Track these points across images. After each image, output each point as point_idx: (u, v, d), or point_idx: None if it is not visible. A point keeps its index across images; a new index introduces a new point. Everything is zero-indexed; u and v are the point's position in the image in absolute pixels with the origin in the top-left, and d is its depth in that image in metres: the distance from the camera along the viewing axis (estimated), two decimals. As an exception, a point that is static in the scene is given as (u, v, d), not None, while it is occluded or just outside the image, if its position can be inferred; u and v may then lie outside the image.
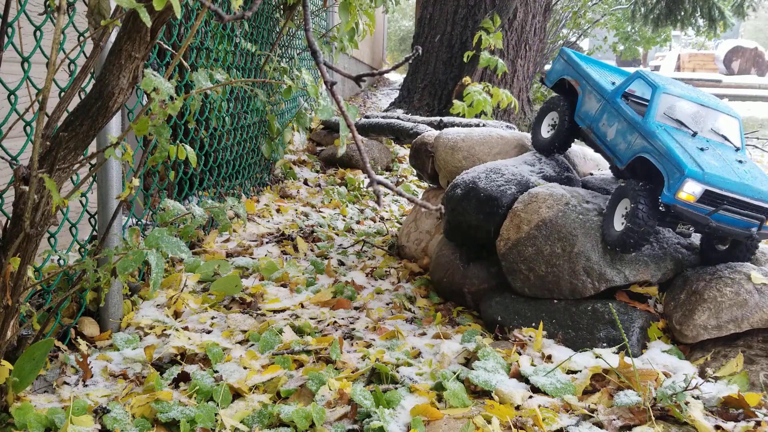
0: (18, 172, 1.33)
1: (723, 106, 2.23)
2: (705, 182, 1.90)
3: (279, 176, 4.18)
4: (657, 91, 2.14)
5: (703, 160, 1.96)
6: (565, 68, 2.57)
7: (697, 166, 1.92)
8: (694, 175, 1.89)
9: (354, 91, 9.62)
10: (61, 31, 1.27)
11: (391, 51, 22.80)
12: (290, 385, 1.70)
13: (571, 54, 2.59)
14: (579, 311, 2.02)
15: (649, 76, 2.23)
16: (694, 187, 1.90)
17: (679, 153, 1.96)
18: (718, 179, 1.92)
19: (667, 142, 2.00)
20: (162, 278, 1.52)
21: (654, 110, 2.11)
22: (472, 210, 2.29)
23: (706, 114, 2.17)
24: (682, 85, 2.27)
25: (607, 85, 2.35)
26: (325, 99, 1.76)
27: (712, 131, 2.16)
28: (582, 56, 2.61)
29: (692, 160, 1.95)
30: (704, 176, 1.90)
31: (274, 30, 3.77)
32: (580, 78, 2.47)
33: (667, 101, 2.14)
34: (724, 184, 1.92)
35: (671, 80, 2.30)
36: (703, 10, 9.72)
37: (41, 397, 1.59)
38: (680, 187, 1.91)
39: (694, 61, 17.60)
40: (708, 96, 2.27)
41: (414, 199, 0.94)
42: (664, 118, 2.11)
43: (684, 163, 1.92)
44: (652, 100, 2.13)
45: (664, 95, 2.13)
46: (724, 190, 1.93)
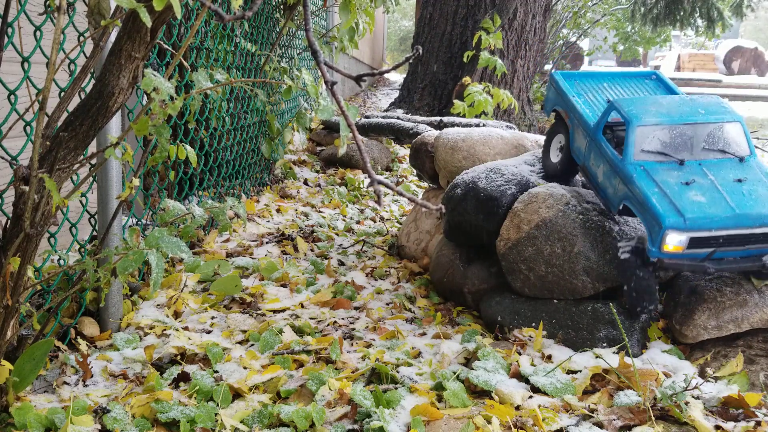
0: (18, 172, 1.33)
1: (716, 112, 1.98)
2: (688, 229, 1.73)
3: (279, 176, 4.19)
4: (630, 126, 1.92)
5: (686, 202, 1.77)
6: (555, 97, 2.33)
7: (676, 212, 1.74)
8: (674, 225, 1.72)
9: (354, 91, 9.62)
10: (61, 31, 1.27)
11: (391, 51, 22.79)
12: (290, 385, 1.70)
13: (559, 80, 2.32)
14: (579, 311, 2.02)
15: (623, 106, 1.98)
16: (677, 237, 1.74)
17: (656, 201, 1.78)
18: (705, 220, 1.73)
19: (644, 189, 1.81)
20: (162, 278, 1.52)
21: (630, 148, 1.90)
22: (472, 210, 2.29)
23: (695, 132, 1.94)
24: (665, 103, 2.01)
25: (592, 116, 2.14)
26: (325, 99, 1.76)
27: (706, 149, 1.94)
28: (575, 77, 2.36)
29: (671, 206, 1.76)
30: (686, 223, 1.72)
31: (274, 30, 3.77)
32: (567, 110, 2.24)
33: (644, 134, 1.92)
34: (713, 223, 1.74)
35: (651, 100, 2.04)
36: (702, 11, 9.73)
37: (41, 397, 1.59)
38: (662, 241, 1.75)
39: (694, 61, 17.61)
40: (697, 105, 2.01)
41: (414, 199, 0.94)
42: (643, 154, 1.91)
43: (661, 214, 1.74)
44: (627, 137, 1.91)
45: (639, 129, 1.91)
46: (715, 229, 1.75)
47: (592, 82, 2.35)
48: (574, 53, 13.53)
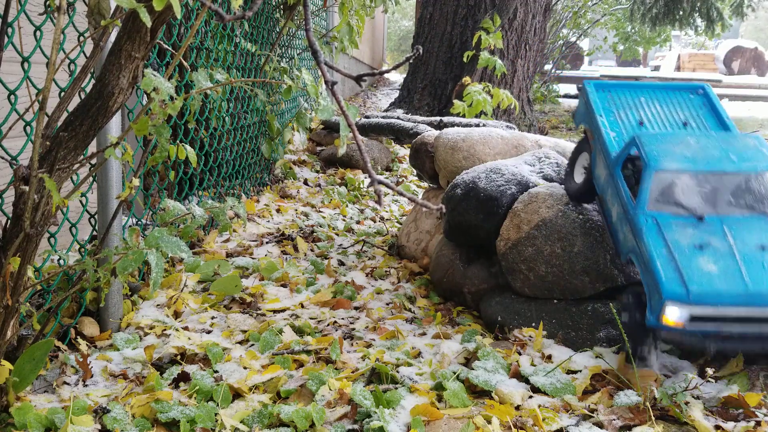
0: (18, 172, 1.33)
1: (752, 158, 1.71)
2: (691, 303, 1.53)
3: (279, 176, 4.19)
4: (648, 170, 1.70)
5: (694, 270, 1.57)
6: (584, 111, 2.07)
7: (680, 282, 1.54)
8: (675, 297, 1.53)
9: (354, 91, 9.63)
10: (61, 31, 1.27)
11: (391, 51, 22.79)
12: (290, 385, 1.70)
13: (589, 92, 2.05)
14: (579, 311, 2.02)
15: (644, 144, 1.75)
16: (677, 311, 1.54)
17: (661, 264, 1.58)
18: (711, 296, 1.53)
19: (650, 248, 1.62)
20: (162, 278, 1.52)
21: (645, 196, 1.70)
22: (472, 210, 2.29)
23: (721, 182, 1.69)
24: (693, 143, 1.75)
25: (615, 143, 1.89)
26: (325, 99, 1.76)
27: (732, 203, 1.69)
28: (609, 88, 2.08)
29: (676, 273, 1.56)
30: (689, 296, 1.52)
31: (274, 30, 3.77)
32: (593, 129, 1.99)
33: (662, 180, 1.70)
34: (720, 299, 1.53)
35: (678, 138, 1.78)
36: (701, 11, 9.73)
37: (41, 397, 1.59)
38: (661, 312, 1.56)
39: (694, 61, 17.61)
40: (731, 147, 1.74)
41: (414, 199, 0.94)
42: (659, 204, 1.70)
43: (662, 282, 1.55)
44: (643, 182, 1.71)
45: (658, 174, 1.70)
46: (722, 306, 1.53)
47: (628, 96, 2.09)
48: (574, 53, 13.54)
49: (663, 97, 2.09)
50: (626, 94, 2.09)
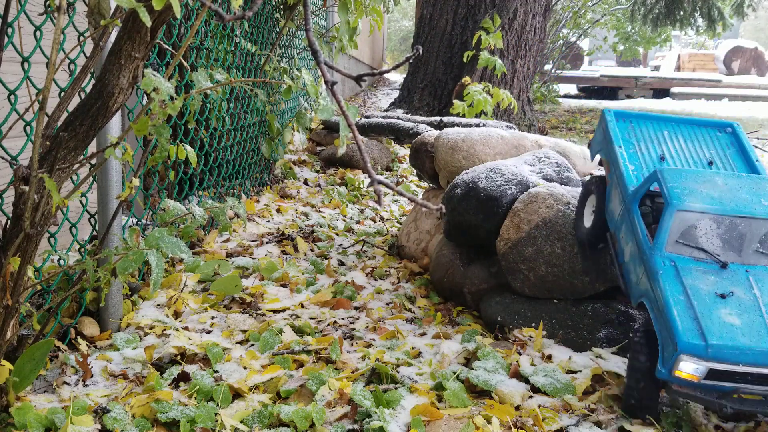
0: (18, 172, 1.33)
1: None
2: (709, 358, 1.39)
3: (279, 176, 4.19)
4: (669, 209, 1.57)
5: (714, 321, 1.43)
6: (601, 141, 1.95)
7: (698, 334, 1.41)
8: (691, 350, 1.40)
9: (354, 91, 9.63)
10: (61, 31, 1.27)
11: (391, 51, 22.79)
12: (290, 385, 1.70)
13: (609, 120, 1.93)
14: (579, 311, 2.02)
15: (666, 180, 1.62)
16: (693, 365, 1.40)
17: (678, 312, 1.45)
18: (733, 351, 1.39)
19: (666, 293, 1.49)
20: (162, 278, 1.52)
21: (664, 236, 1.56)
22: (472, 210, 2.29)
23: (749, 227, 1.57)
24: (720, 183, 1.63)
25: (634, 177, 1.77)
26: (325, 99, 1.76)
27: (760, 252, 1.57)
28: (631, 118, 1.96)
29: (694, 323, 1.43)
30: (707, 350, 1.39)
31: (274, 30, 3.77)
32: (610, 161, 1.87)
33: (684, 221, 1.57)
34: (743, 356, 1.39)
35: (705, 177, 1.65)
36: (702, 11, 9.73)
37: (41, 397, 1.59)
38: (675, 364, 1.42)
39: (694, 61, 17.61)
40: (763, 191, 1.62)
41: (414, 199, 0.94)
42: (679, 246, 1.57)
43: (678, 332, 1.41)
44: (662, 221, 1.57)
45: (679, 214, 1.56)
46: (744, 364, 1.39)
47: (650, 128, 1.96)
48: (574, 53, 13.54)
49: (688, 133, 1.96)
50: (648, 126, 1.97)
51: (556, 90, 12.02)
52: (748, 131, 6.03)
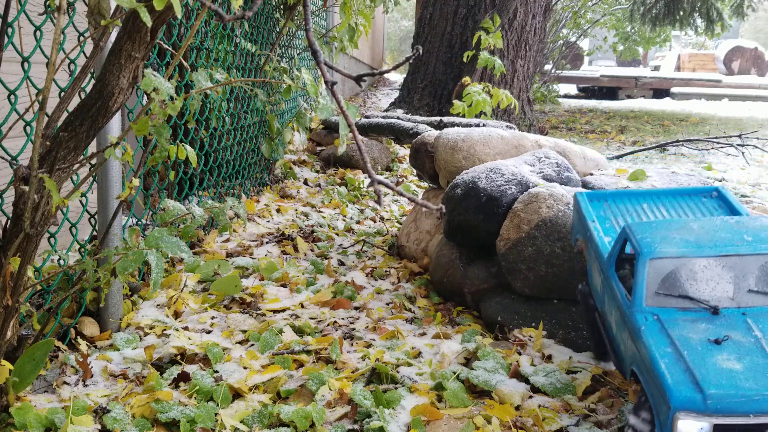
0: (18, 172, 1.33)
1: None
2: (711, 411, 1.17)
3: (279, 176, 4.19)
4: (641, 259, 1.43)
5: (710, 369, 1.23)
6: (577, 223, 1.85)
7: (692, 385, 1.21)
8: (688, 403, 1.18)
9: (354, 91, 9.63)
10: (61, 31, 1.27)
11: (391, 51, 22.80)
12: (290, 385, 1.70)
13: (581, 201, 1.83)
14: (579, 311, 2.02)
15: (635, 233, 1.49)
16: (694, 425, 1.18)
17: (665, 366, 1.25)
18: (738, 399, 1.18)
19: (651, 348, 1.30)
20: (162, 278, 1.52)
21: (640, 290, 1.41)
22: (472, 210, 2.29)
23: (738, 266, 1.41)
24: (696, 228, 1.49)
25: (608, 246, 1.65)
26: (325, 98, 1.76)
27: (754, 291, 1.40)
28: (605, 197, 1.85)
29: (686, 374, 1.23)
30: (706, 401, 1.18)
31: (274, 30, 3.77)
32: (586, 238, 1.76)
33: (661, 270, 1.42)
34: (753, 403, 1.17)
35: (678, 224, 1.52)
36: (701, 11, 9.74)
37: (41, 397, 1.59)
38: (673, 428, 1.19)
39: (694, 61, 17.61)
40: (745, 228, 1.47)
41: (414, 199, 0.94)
42: (660, 298, 1.41)
43: (668, 387, 1.21)
44: (636, 275, 1.43)
45: (653, 263, 1.41)
46: (757, 414, 1.17)
47: (627, 203, 1.84)
48: (574, 53, 13.55)
49: (670, 203, 1.83)
50: (625, 201, 1.85)
51: (556, 90, 12.02)
52: (748, 131, 6.04)
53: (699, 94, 13.54)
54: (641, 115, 10.11)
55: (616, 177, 2.69)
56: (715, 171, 5.14)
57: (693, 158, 5.96)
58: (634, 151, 5.94)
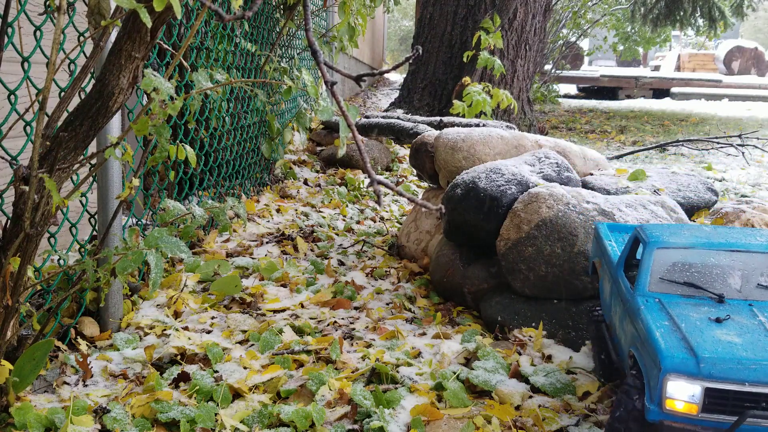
0: (18, 172, 1.33)
1: None
2: (704, 375, 1.16)
3: (279, 176, 4.19)
4: (647, 248, 1.45)
5: (707, 339, 1.23)
6: (594, 247, 1.86)
7: (685, 350, 1.20)
8: (680, 365, 1.17)
9: (354, 91, 9.63)
10: (61, 31, 1.27)
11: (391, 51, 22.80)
12: (290, 385, 1.70)
13: (600, 229, 1.84)
14: (579, 311, 2.02)
15: (647, 228, 1.53)
16: (686, 387, 1.16)
17: (660, 335, 1.25)
18: (734, 364, 1.16)
19: (649, 322, 1.30)
20: (161, 278, 1.52)
21: (645, 276, 1.41)
22: (472, 210, 2.29)
23: (748, 262, 1.40)
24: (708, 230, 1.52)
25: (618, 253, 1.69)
26: (325, 99, 1.76)
27: (763, 287, 1.38)
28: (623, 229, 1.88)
29: (681, 343, 1.22)
30: (699, 365, 1.16)
31: (274, 30, 3.77)
32: (601, 257, 1.77)
33: (666, 258, 1.43)
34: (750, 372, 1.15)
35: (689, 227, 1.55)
36: (702, 10, 9.74)
37: (41, 397, 1.59)
38: (663, 392, 1.17)
39: (694, 61, 17.61)
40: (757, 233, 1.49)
41: (414, 199, 0.94)
42: (664, 284, 1.40)
43: (662, 350, 1.20)
44: (642, 262, 1.44)
45: (659, 252, 1.43)
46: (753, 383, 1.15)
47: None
48: (574, 53, 13.55)
49: None
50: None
51: (556, 90, 12.03)
52: (748, 131, 6.04)
53: (699, 94, 13.54)
54: (641, 115, 10.12)
55: (616, 177, 2.69)
56: (715, 171, 5.14)
57: (693, 158, 5.96)
58: (634, 151, 5.95)
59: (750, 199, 2.79)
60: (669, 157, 6.03)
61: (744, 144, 5.98)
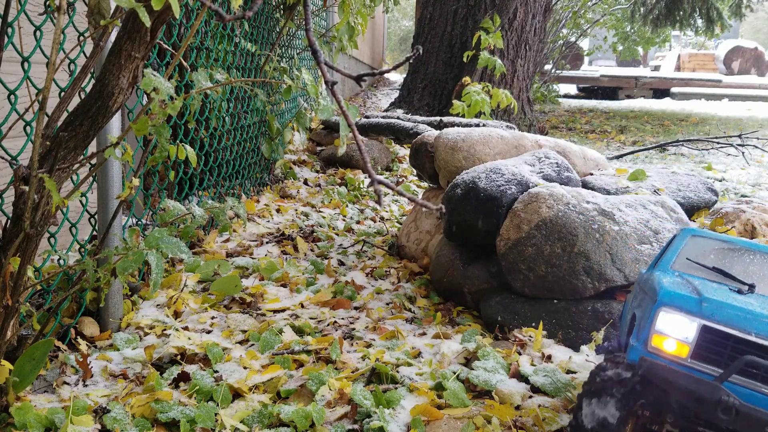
0: (18, 172, 1.33)
1: None
2: (704, 315, 1.10)
3: (279, 176, 4.18)
4: (682, 234, 1.41)
5: (721, 293, 1.17)
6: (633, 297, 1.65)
7: (692, 291, 1.16)
8: (679, 300, 1.12)
9: (354, 91, 9.62)
10: (61, 31, 1.27)
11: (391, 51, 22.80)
12: (290, 385, 1.70)
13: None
14: (579, 311, 2.02)
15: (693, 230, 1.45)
16: (679, 322, 1.10)
17: (669, 282, 1.21)
18: (741, 312, 1.10)
19: (660, 275, 1.26)
20: (162, 278, 1.52)
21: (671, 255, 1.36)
22: (472, 210, 2.29)
23: None
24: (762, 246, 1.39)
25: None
26: (325, 99, 1.76)
27: None
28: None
29: (687, 288, 1.18)
30: (701, 305, 1.11)
31: (274, 30, 3.77)
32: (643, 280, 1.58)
33: (700, 246, 1.36)
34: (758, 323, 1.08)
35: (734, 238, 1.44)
36: (701, 11, 9.74)
37: (41, 397, 1.59)
38: (652, 327, 1.11)
39: (694, 61, 17.62)
40: None
41: (414, 199, 0.94)
42: (689, 265, 1.31)
43: (662, 287, 1.16)
44: (672, 243, 1.40)
45: (694, 239, 1.37)
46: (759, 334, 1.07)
47: None
48: (574, 53, 13.55)
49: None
50: None
51: (556, 90, 12.03)
52: (748, 131, 6.04)
53: (699, 94, 13.54)
54: (641, 115, 10.11)
55: (616, 177, 2.69)
56: (715, 171, 5.14)
57: (693, 158, 5.96)
58: (634, 151, 5.95)
59: (750, 199, 2.79)
60: (669, 157, 6.03)
61: (744, 144, 5.98)
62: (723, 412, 1.05)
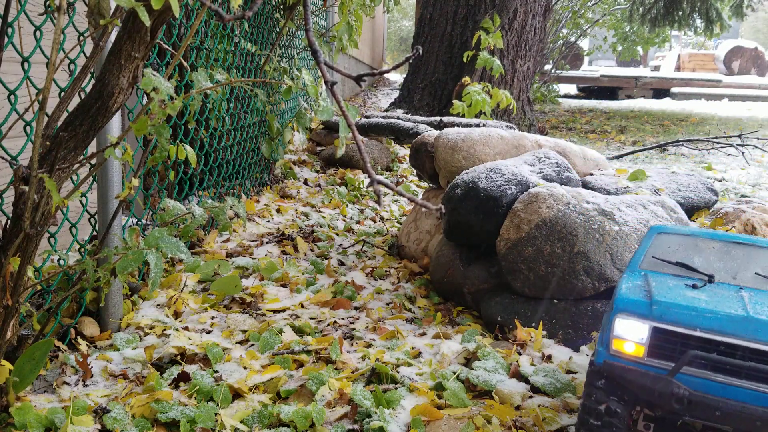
0: (18, 172, 1.33)
1: None
2: (654, 317, 1.18)
3: (279, 176, 4.18)
4: (649, 233, 1.50)
5: (671, 291, 1.26)
6: None
7: (645, 295, 1.24)
8: (632, 306, 1.21)
9: (354, 91, 9.62)
10: (61, 31, 1.27)
11: (391, 51, 22.81)
12: (290, 385, 1.70)
13: None
14: (579, 311, 2.02)
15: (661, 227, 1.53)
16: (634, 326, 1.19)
17: (627, 288, 1.29)
18: (688, 310, 1.18)
19: (622, 282, 1.33)
20: (161, 278, 1.52)
21: (638, 256, 1.44)
22: (472, 210, 2.29)
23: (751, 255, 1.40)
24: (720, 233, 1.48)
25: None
26: (325, 99, 1.76)
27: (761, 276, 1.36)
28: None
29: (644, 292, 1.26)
30: (652, 307, 1.20)
31: (274, 30, 3.77)
32: None
33: (666, 242, 1.45)
34: (704, 319, 1.16)
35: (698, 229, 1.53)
36: (701, 11, 9.74)
37: (41, 397, 1.59)
38: (612, 331, 1.21)
39: (694, 61, 17.62)
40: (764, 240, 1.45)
41: (414, 199, 0.94)
42: (655, 263, 1.41)
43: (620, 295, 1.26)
44: (640, 245, 1.48)
45: (660, 236, 1.46)
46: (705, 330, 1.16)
47: None
48: (574, 53, 13.55)
49: None
50: None
51: (556, 90, 12.03)
52: (748, 131, 6.04)
53: (699, 94, 13.54)
54: (641, 115, 10.11)
55: (616, 177, 2.69)
56: (715, 171, 5.14)
57: (693, 158, 5.96)
58: (634, 151, 5.95)
59: (750, 199, 2.79)
60: (669, 157, 6.03)
61: (744, 144, 5.98)
62: (676, 402, 1.16)
